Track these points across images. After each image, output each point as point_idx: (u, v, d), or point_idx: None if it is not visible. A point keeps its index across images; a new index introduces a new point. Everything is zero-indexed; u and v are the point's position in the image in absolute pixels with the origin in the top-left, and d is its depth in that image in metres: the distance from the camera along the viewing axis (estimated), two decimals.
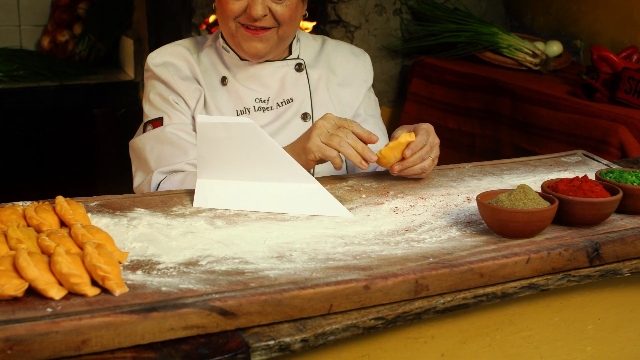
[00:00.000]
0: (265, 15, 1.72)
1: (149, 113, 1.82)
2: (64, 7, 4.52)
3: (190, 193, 1.51)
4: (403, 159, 1.56)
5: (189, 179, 1.69)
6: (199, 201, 1.46)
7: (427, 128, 1.62)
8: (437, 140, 1.64)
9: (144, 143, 1.79)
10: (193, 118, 1.81)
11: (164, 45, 1.89)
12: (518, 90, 2.90)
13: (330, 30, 3.54)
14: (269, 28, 1.75)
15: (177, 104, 1.80)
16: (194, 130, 1.79)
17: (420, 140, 1.58)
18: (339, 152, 1.54)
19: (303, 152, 1.57)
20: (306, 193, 1.46)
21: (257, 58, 1.81)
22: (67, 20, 4.50)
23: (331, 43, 1.99)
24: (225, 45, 1.85)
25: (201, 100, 1.80)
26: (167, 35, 3.42)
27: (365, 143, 1.56)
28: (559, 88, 2.92)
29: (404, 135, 1.54)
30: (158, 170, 1.74)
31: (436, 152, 1.62)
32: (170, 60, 1.84)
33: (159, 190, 1.70)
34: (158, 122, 1.79)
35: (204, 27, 3.90)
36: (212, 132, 1.44)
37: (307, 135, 1.58)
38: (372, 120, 1.98)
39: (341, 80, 1.94)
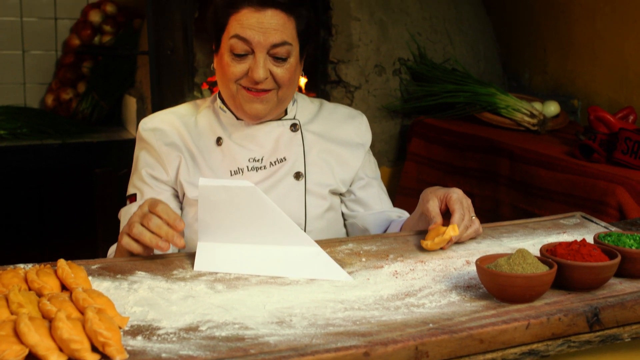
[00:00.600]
0: (266, 78, 1.76)
1: (129, 188, 1.92)
2: (69, 65, 4.59)
3: (191, 256, 1.52)
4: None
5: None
6: (199, 264, 1.47)
7: (458, 197, 1.68)
8: (469, 201, 1.71)
9: (121, 217, 1.89)
10: (173, 187, 1.88)
11: (157, 112, 1.95)
12: (516, 150, 2.93)
13: (331, 91, 3.59)
14: (269, 90, 1.79)
15: (153, 177, 1.87)
16: (176, 195, 1.87)
17: (459, 218, 1.64)
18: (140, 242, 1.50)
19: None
20: (306, 256, 1.47)
21: (256, 119, 1.85)
22: (72, 79, 4.57)
23: (328, 106, 2.03)
24: (222, 106, 1.90)
25: (182, 167, 1.86)
26: (170, 94, 3.47)
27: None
28: (556, 148, 2.95)
29: (449, 232, 1.58)
30: (111, 247, 1.83)
31: (472, 211, 1.70)
32: (160, 126, 1.89)
33: None
34: (133, 197, 1.88)
35: (206, 86, 3.96)
36: (214, 195, 1.46)
37: None
38: (375, 182, 2.02)
39: (338, 142, 1.96)
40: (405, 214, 2.01)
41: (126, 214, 1.86)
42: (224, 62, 1.79)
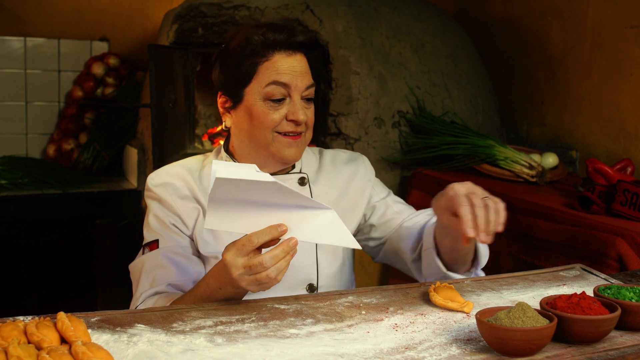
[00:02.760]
0: (304, 120, 1.80)
1: (147, 236, 1.86)
2: (71, 116, 4.63)
3: (191, 308, 1.52)
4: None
5: (159, 302, 1.72)
6: (210, 222, 1.47)
7: (463, 191, 1.58)
8: (471, 188, 1.60)
9: (139, 266, 1.82)
10: (191, 238, 1.85)
11: (163, 166, 1.93)
12: (515, 202, 2.94)
13: (331, 142, 3.62)
14: (302, 133, 1.81)
15: (174, 225, 1.83)
16: (189, 251, 1.84)
17: (465, 214, 1.54)
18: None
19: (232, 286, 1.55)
20: (320, 220, 1.48)
21: (289, 164, 1.87)
22: (73, 130, 4.61)
23: (327, 155, 2.03)
24: (228, 160, 1.89)
25: (200, 219, 1.83)
26: (171, 145, 3.49)
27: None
28: (556, 200, 2.96)
29: (462, 307, 1.54)
30: (143, 293, 1.77)
31: (481, 194, 1.60)
32: (169, 181, 1.87)
33: None
34: (154, 244, 1.83)
35: (206, 137, 4.00)
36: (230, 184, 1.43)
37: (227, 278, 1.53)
38: (387, 200, 2.02)
39: (344, 189, 1.96)
40: (425, 213, 2.00)
41: (151, 261, 1.80)
42: (257, 112, 1.78)
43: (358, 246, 1.48)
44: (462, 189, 1.59)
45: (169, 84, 3.47)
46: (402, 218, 1.99)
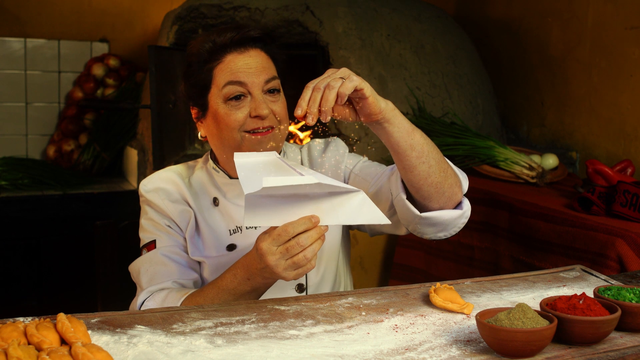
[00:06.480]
0: (269, 114, 1.79)
1: (143, 238, 1.90)
2: (71, 117, 4.63)
3: (190, 309, 1.52)
4: None
5: (171, 295, 1.73)
6: (249, 219, 1.48)
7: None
8: (342, 72, 1.58)
9: (139, 266, 1.85)
10: (185, 239, 1.87)
11: (155, 172, 1.97)
12: (515, 203, 2.94)
13: None
14: (273, 127, 1.81)
15: (169, 227, 1.87)
16: (185, 251, 1.87)
17: (304, 94, 1.52)
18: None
19: (261, 275, 1.57)
20: (350, 203, 1.51)
21: None
22: (74, 131, 4.61)
23: (304, 151, 2.04)
24: (215, 166, 1.91)
25: (192, 222, 1.87)
26: (171, 146, 3.49)
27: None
28: (556, 201, 2.96)
29: (462, 308, 1.55)
30: (146, 289, 1.79)
31: (343, 72, 1.58)
32: (161, 186, 1.91)
33: (142, 308, 1.73)
34: (152, 245, 1.86)
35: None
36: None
37: (260, 264, 1.55)
38: (356, 168, 1.97)
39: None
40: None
41: (151, 260, 1.82)
42: (221, 115, 1.79)
43: (388, 222, 1.50)
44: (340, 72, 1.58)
45: (169, 85, 3.47)
46: (369, 181, 1.93)
